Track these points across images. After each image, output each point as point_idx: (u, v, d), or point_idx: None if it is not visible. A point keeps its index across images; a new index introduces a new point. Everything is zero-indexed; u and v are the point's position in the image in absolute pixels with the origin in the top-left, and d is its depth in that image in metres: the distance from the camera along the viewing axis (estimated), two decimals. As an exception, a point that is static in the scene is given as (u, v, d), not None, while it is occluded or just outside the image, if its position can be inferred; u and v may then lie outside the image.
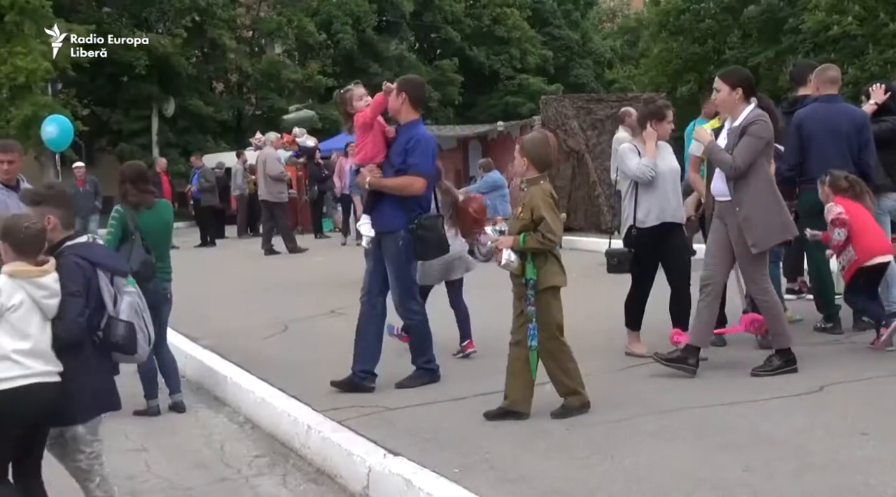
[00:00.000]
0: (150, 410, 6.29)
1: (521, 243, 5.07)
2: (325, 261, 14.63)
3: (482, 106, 40.79)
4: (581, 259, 13.20)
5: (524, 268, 5.10)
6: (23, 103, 25.96)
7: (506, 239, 5.16)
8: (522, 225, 5.11)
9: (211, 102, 32.75)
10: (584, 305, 9.12)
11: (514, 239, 5.10)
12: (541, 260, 5.12)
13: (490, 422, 5.18)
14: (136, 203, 6.20)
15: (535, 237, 5.05)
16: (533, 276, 5.08)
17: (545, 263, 5.13)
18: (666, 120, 6.73)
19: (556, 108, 16.75)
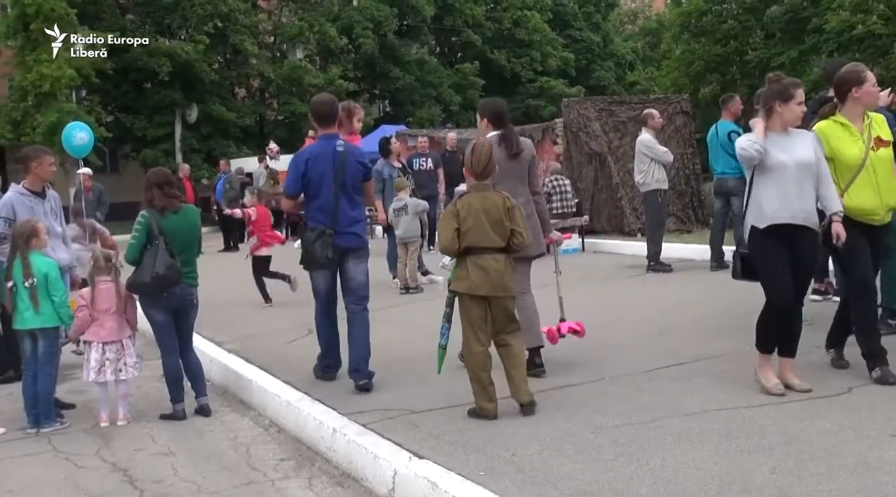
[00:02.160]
0: (177, 414, 6.32)
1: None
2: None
3: (503, 109, 40.73)
4: (604, 262, 13.19)
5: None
6: (48, 110, 26.24)
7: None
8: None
9: (233, 108, 32.90)
10: (607, 307, 9.13)
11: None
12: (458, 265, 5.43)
13: (516, 423, 5.17)
14: (161, 207, 6.24)
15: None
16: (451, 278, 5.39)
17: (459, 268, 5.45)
18: (794, 101, 5.54)
19: (578, 110, 16.71)
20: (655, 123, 11.92)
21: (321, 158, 6.30)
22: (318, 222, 6.31)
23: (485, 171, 5.48)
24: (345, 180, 6.30)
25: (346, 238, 6.34)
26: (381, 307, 9.39)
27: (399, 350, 7.56)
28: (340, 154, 6.31)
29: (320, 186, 6.30)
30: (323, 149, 6.35)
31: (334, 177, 6.26)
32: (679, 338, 7.37)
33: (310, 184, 6.31)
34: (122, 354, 6.36)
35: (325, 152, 6.32)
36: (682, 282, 10.66)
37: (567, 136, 16.87)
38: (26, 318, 6.16)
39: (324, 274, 6.43)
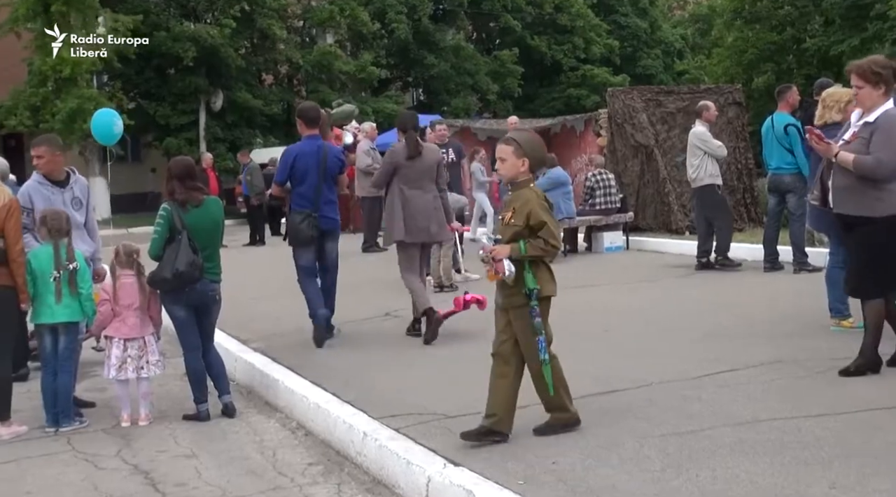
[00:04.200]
0: (200, 415, 6.37)
1: (521, 251, 4.87)
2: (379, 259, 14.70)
3: (543, 99, 40.64)
4: (649, 261, 13.11)
5: (522, 278, 4.91)
6: (68, 96, 26.51)
7: (503, 248, 4.89)
8: (515, 231, 4.93)
9: (260, 95, 33.10)
10: (651, 309, 9.07)
11: (513, 247, 4.89)
12: (535, 268, 4.96)
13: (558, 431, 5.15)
14: (183, 201, 6.28)
15: (537, 244, 4.87)
16: (535, 286, 4.92)
17: (539, 271, 4.99)
18: None
19: (623, 100, 16.62)
20: (710, 116, 11.82)
21: (307, 154, 8.10)
22: (302, 207, 8.08)
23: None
24: (326, 172, 8.12)
25: (326, 221, 8.17)
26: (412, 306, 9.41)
27: (432, 351, 7.58)
28: (322, 151, 8.13)
29: (305, 177, 8.09)
30: (309, 147, 8.16)
31: (318, 169, 8.05)
32: (728, 343, 7.31)
33: (296, 174, 8.10)
34: (144, 352, 6.42)
35: (310, 150, 8.13)
36: (733, 283, 10.57)
37: (611, 127, 16.79)
38: (55, 312, 6.23)
39: (307, 250, 8.18)
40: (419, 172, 8.36)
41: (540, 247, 4.87)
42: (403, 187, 8.35)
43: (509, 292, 4.98)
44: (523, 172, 5.00)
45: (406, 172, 8.34)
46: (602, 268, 12.66)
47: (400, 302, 9.68)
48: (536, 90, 41.09)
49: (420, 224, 8.32)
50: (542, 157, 5.16)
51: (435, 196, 8.46)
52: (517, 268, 4.89)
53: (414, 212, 8.30)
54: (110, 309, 6.39)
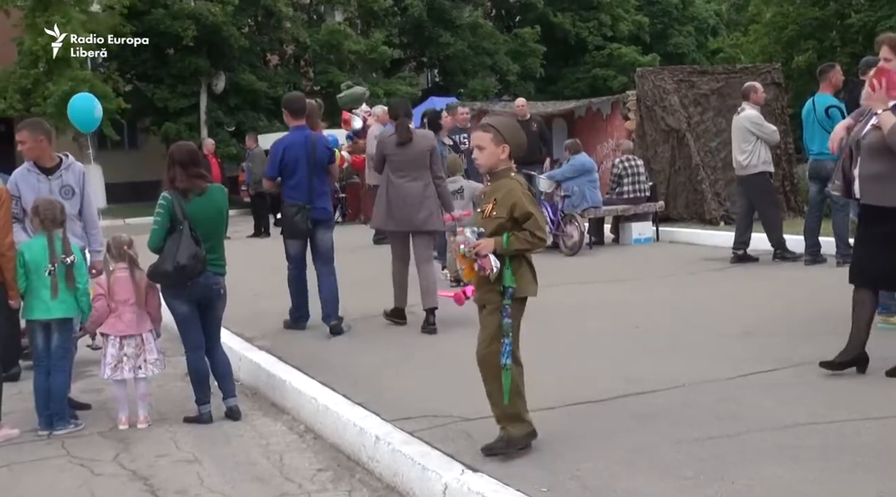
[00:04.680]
0: (202, 417, 6.39)
1: (504, 245, 4.75)
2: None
3: (567, 79, 40.54)
4: (681, 253, 13.08)
5: (502, 274, 4.81)
6: (60, 78, 26.57)
7: (487, 242, 4.77)
8: (499, 224, 4.81)
9: (264, 77, 33.15)
10: (684, 305, 9.05)
11: (497, 241, 4.77)
12: (517, 264, 4.87)
13: (583, 433, 5.15)
14: (184, 189, 6.29)
15: (523, 237, 4.76)
16: (512, 284, 4.82)
17: (520, 268, 4.90)
18: None
19: (653, 81, 16.57)
20: (759, 97, 11.75)
21: (296, 145, 8.44)
22: (295, 199, 8.47)
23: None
24: (316, 163, 8.46)
25: (318, 211, 8.56)
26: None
27: (449, 350, 7.58)
28: (311, 141, 8.46)
29: (296, 169, 8.44)
30: (297, 138, 8.50)
31: (308, 160, 8.41)
32: (767, 340, 7.28)
33: (286, 167, 8.46)
34: (141, 350, 6.44)
35: (298, 141, 8.47)
36: (772, 277, 10.54)
37: (640, 110, 16.74)
38: (50, 308, 6.25)
39: (299, 242, 8.67)
40: (409, 160, 8.68)
41: (526, 240, 4.78)
42: (391, 175, 8.71)
43: (488, 288, 4.90)
44: (503, 160, 4.91)
45: (395, 160, 8.70)
46: (630, 261, 12.63)
47: (413, 297, 9.67)
48: (560, 71, 40.97)
49: (403, 212, 8.65)
50: (522, 144, 5.05)
51: (426, 184, 8.71)
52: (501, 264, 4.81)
53: (398, 199, 8.65)
54: (106, 304, 6.41)
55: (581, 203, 13.67)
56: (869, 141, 6.16)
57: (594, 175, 14.05)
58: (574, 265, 12.33)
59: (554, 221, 13.58)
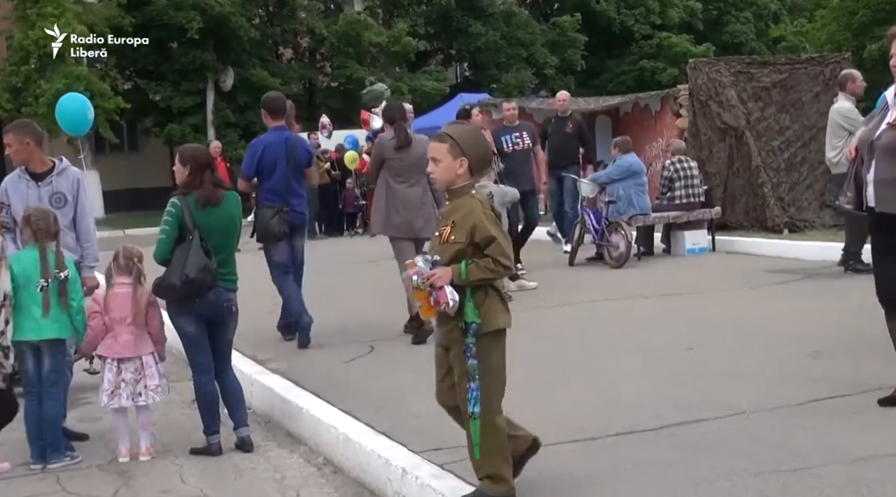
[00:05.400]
0: (211, 448, 6.41)
1: (462, 275, 4.51)
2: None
3: (611, 73, 40.54)
4: (740, 265, 13.01)
5: (463, 307, 4.56)
6: (54, 75, 26.78)
7: (443, 271, 4.53)
8: (457, 250, 4.57)
9: (277, 72, 33.33)
10: (744, 323, 9.00)
11: (454, 270, 4.52)
12: (481, 295, 4.60)
13: (633, 467, 5.13)
14: (205, 198, 6.33)
15: (485, 264, 4.51)
16: (475, 319, 4.56)
17: (486, 299, 4.61)
18: None
19: (707, 74, 16.52)
20: (856, 87, 11.61)
21: (275, 146, 8.99)
22: (271, 201, 9.01)
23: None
24: (296, 164, 9.05)
25: (295, 215, 9.14)
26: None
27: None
28: (291, 142, 9.04)
29: (273, 170, 8.98)
30: (276, 138, 9.04)
31: (287, 162, 8.96)
32: (838, 363, 7.23)
33: (264, 168, 8.98)
34: (141, 375, 6.44)
35: (278, 141, 9.00)
36: (842, 291, 10.46)
37: (693, 106, 16.69)
38: (42, 327, 6.27)
39: (280, 246, 9.14)
40: (407, 165, 9.22)
41: (488, 268, 4.52)
42: (389, 180, 9.27)
43: (451, 326, 4.64)
44: (461, 176, 4.67)
45: (393, 164, 9.27)
46: (683, 273, 12.59)
47: (443, 315, 9.70)
48: (603, 63, 40.97)
49: (402, 218, 9.22)
50: (486, 157, 4.82)
51: (424, 190, 9.27)
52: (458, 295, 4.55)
53: (398, 205, 9.23)
54: (102, 323, 6.43)
55: (628, 209, 13.64)
56: (884, 142, 5.99)
57: (643, 178, 14.03)
58: (620, 278, 12.30)
59: (597, 230, 13.56)
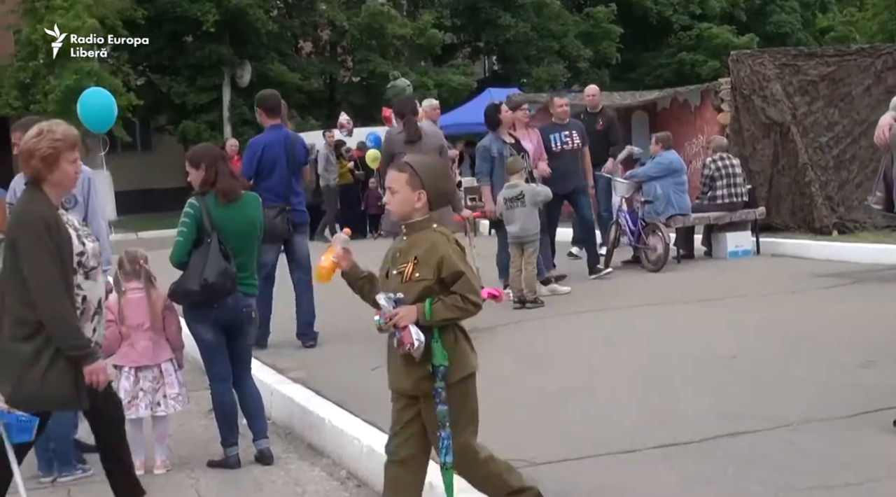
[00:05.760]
0: (229, 461, 6.43)
1: (427, 314, 4.40)
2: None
3: (648, 66, 40.45)
4: (786, 268, 12.95)
5: (430, 350, 4.43)
6: (63, 71, 26.88)
7: (407, 310, 4.41)
8: (424, 287, 4.45)
9: (297, 67, 33.42)
10: (790, 329, 8.95)
11: (420, 308, 4.42)
12: (449, 337, 4.50)
13: (675, 480, 5.11)
14: (224, 192, 6.37)
15: (451, 302, 4.41)
16: (444, 362, 4.44)
17: (454, 341, 4.52)
18: None
19: (751, 67, 16.44)
20: None
21: (275, 145, 9.24)
22: (272, 201, 8.95)
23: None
24: (295, 163, 9.34)
25: (297, 214, 9.46)
26: (488, 326, 9.42)
27: (514, 382, 7.57)
28: (290, 140, 9.34)
29: (273, 170, 9.20)
30: (275, 137, 9.30)
31: (287, 161, 9.22)
32: (892, 371, 7.18)
33: (264, 167, 9.18)
34: (160, 383, 6.48)
35: (277, 140, 9.27)
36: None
37: (736, 100, 16.63)
38: None
39: (275, 247, 9.32)
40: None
41: (456, 306, 4.42)
42: None
43: (421, 373, 4.49)
44: (419, 210, 4.54)
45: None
46: (726, 277, 12.54)
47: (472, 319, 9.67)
48: (640, 55, 40.88)
49: None
50: (447, 193, 4.72)
51: None
52: (424, 336, 4.43)
53: None
54: (117, 331, 6.46)
55: (666, 209, 13.58)
56: None
57: (682, 176, 13.97)
58: (659, 283, 12.26)
59: (634, 232, 13.51)
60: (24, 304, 4.90)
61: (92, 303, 5.13)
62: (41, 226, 4.93)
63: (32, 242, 4.91)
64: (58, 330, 4.90)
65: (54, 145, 5.04)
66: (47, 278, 4.88)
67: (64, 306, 4.91)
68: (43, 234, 4.91)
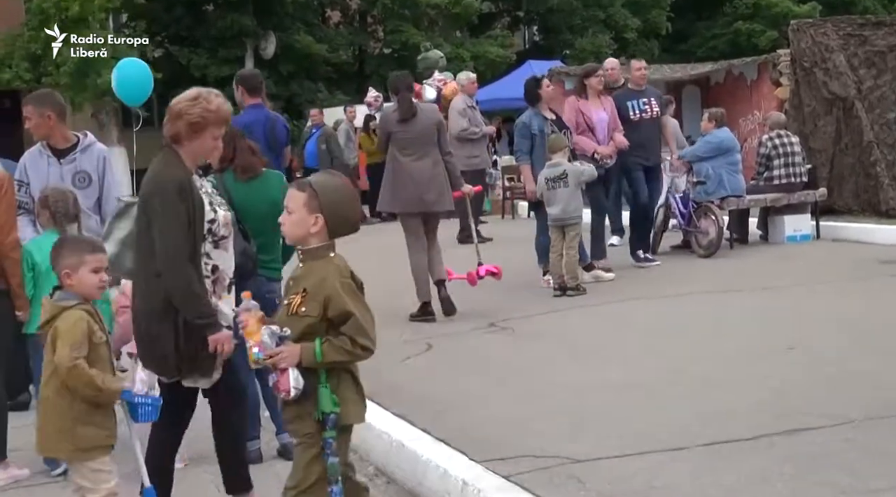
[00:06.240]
0: (250, 456, 6.44)
1: (317, 356, 4.27)
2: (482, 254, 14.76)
3: (701, 37, 40.19)
4: (849, 253, 12.87)
5: (315, 395, 4.31)
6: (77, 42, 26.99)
7: (290, 351, 4.31)
8: (308, 324, 4.34)
9: (324, 38, 33.41)
10: (853, 319, 8.90)
11: (305, 350, 4.29)
12: (336, 382, 4.36)
13: (726, 479, 5.09)
14: (243, 167, 6.39)
15: (340, 344, 4.28)
16: (335, 409, 4.30)
17: (339, 386, 4.38)
18: None
19: (812, 37, 16.31)
20: None
21: (256, 125, 9.06)
22: None
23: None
24: (277, 144, 9.30)
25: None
26: (525, 315, 9.43)
27: (554, 376, 7.57)
28: (270, 120, 9.35)
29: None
30: (255, 117, 9.24)
31: (267, 142, 9.02)
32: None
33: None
34: (177, 373, 6.52)
35: (258, 120, 9.19)
36: None
37: (796, 74, 16.52)
38: None
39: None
40: (414, 137, 10.02)
41: (345, 348, 4.28)
42: (397, 154, 10.07)
43: (297, 413, 4.41)
44: (316, 235, 4.44)
45: (399, 137, 10.07)
46: (783, 263, 12.47)
47: (508, 307, 9.70)
48: (692, 25, 40.64)
49: (411, 193, 9.94)
50: (348, 219, 4.52)
51: (436, 162, 10.08)
52: (310, 379, 4.31)
53: (406, 179, 9.98)
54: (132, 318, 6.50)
55: (718, 191, 13.49)
56: None
57: (735, 156, 13.87)
58: (711, 269, 12.21)
59: (684, 215, 13.44)
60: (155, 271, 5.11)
61: (226, 273, 5.37)
62: (174, 189, 5.09)
63: (164, 206, 5.07)
64: (180, 297, 5.05)
65: (205, 115, 5.22)
66: (174, 245, 5.05)
67: (187, 274, 5.06)
68: (175, 198, 5.07)
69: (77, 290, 4.81)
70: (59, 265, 4.85)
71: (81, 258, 4.83)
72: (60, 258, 4.87)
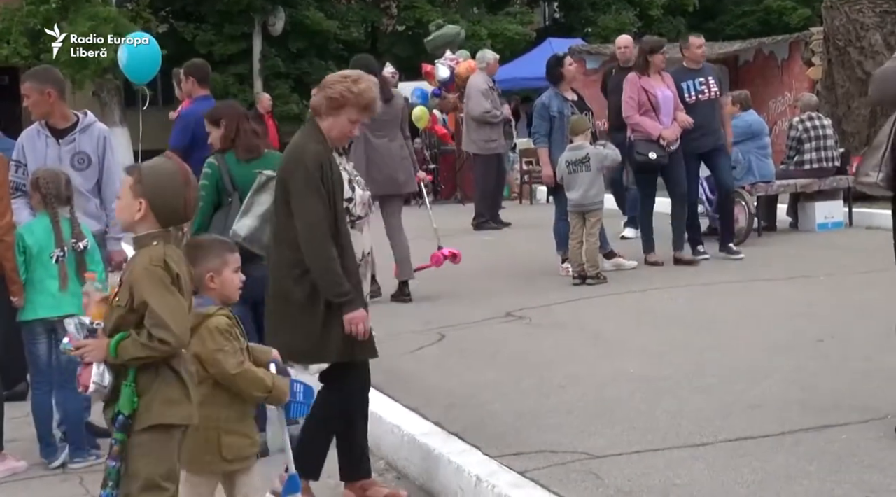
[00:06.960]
0: (262, 448, 6.46)
1: (112, 352, 4.09)
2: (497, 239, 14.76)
3: (729, 14, 40.02)
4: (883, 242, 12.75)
5: (119, 393, 4.15)
6: (77, 17, 27.01)
7: (97, 344, 4.17)
8: (119, 317, 4.18)
9: (335, 14, 33.36)
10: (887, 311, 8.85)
11: (105, 345, 4.14)
12: (147, 379, 4.16)
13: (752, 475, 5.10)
14: (245, 148, 6.41)
15: (140, 339, 4.08)
16: (127, 410, 4.11)
17: (153, 383, 4.18)
18: None
19: (847, 14, 16.25)
20: None
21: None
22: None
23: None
24: None
25: None
26: (542, 304, 9.43)
27: (572, 368, 7.57)
28: None
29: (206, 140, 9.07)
30: (207, 108, 8.92)
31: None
32: None
33: (196, 141, 8.79)
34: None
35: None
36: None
37: (829, 53, 16.46)
38: (60, 303, 6.35)
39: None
40: (387, 119, 10.41)
41: (141, 343, 4.08)
42: (369, 135, 10.33)
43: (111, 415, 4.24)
44: (141, 222, 4.25)
45: (377, 118, 10.11)
46: (814, 252, 12.45)
47: (525, 296, 9.70)
48: (720, 2, 40.47)
49: (385, 174, 10.47)
50: (174, 207, 4.27)
51: (401, 145, 10.84)
52: (120, 377, 4.18)
53: (380, 161, 10.51)
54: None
55: (747, 176, 13.44)
56: None
57: (765, 139, 13.83)
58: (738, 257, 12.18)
59: (711, 200, 13.40)
60: (295, 246, 5.28)
61: (356, 254, 5.44)
62: (315, 164, 5.25)
63: (305, 181, 5.24)
64: (321, 275, 5.24)
65: (346, 94, 5.35)
66: (315, 221, 5.22)
67: (329, 251, 5.24)
68: (315, 173, 5.23)
69: (218, 292, 4.72)
70: (200, 268, 4.62)
71: (224, 259, 4.76)
72: (201, 261, 4.68)
